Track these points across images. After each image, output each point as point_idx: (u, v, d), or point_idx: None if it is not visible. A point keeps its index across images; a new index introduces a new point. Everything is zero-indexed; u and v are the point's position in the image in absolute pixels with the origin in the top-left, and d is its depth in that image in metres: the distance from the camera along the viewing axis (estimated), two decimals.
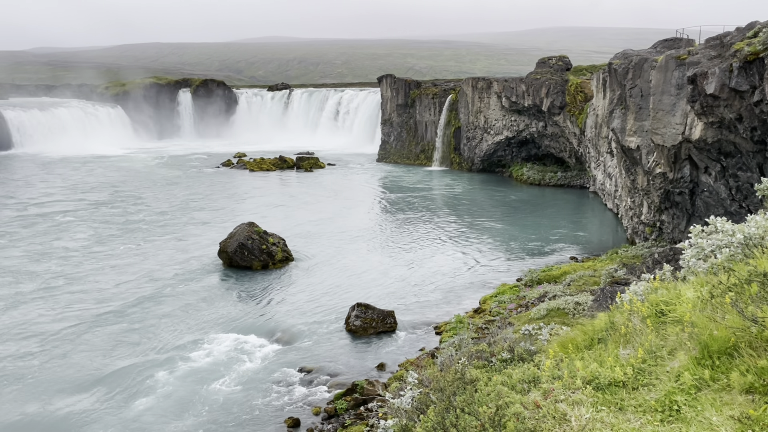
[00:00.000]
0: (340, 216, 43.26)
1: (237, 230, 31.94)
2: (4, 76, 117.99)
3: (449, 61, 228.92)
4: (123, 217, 42.02)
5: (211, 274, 29.87)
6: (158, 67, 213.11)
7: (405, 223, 40.93)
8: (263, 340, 21.97)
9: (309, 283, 28.68)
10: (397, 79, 75.63)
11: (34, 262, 31.23)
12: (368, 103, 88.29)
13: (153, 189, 53.71)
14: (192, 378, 19.04)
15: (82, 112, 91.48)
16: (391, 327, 22.92)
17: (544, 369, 6.96)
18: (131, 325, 23.36)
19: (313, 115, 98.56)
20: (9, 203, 46.41)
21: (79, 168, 65.87)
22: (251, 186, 57.22)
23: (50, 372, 19.33)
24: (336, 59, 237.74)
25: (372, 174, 64.95)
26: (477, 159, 64.58)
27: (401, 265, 31.34)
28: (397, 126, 74.78)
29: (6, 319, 23.69)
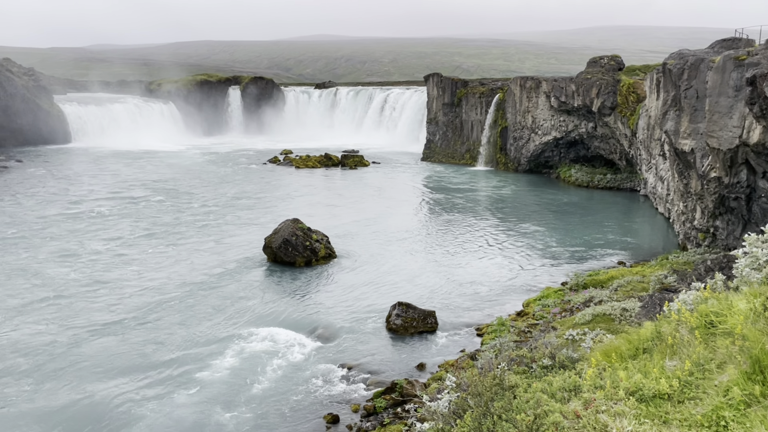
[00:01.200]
0: (383, 215, 43.34)
1: (282, 226, 32.38)
2: (65, 72, 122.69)
3: (497, 60, 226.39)
4: (171, 211, 43.14)
5: (256, 269, 30.36)
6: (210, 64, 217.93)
7: (448, 224, 40.72)
8: (304, 336, 22.21)
9: (351, 280, 28.84)
10: (444, 77, 75.21)
11: (84, 253, 32.35)
12: (414, 102, 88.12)
13: (201, 184, 54.95)
14: (233, 371, 19.40)
15: (135, 107, 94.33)
16: (431, 327, 22.84)
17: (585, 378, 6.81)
18: (175, 316, 23.96)
19: (358, 113, 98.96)
20: (66, 195, 48.25)
21: (131, 163, 67.93)
22: (296, 183, 57.89)
23: (94, 361, 19.99)
24: (383, 57, 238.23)
25: (416, 173, 64.83)
26: (523, 159, 63.70)
27: (444, 266, 31.19)
28: (443, 125, 74.40)
29: (53, 308, 24.63)
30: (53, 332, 22.17)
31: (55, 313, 24.07)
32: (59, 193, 49.11)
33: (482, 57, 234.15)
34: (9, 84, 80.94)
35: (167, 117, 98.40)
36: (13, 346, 20.96)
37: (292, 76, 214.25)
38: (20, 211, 41.90)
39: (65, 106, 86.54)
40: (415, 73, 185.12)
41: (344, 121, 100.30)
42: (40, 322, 23.09)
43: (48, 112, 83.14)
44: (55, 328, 22.60)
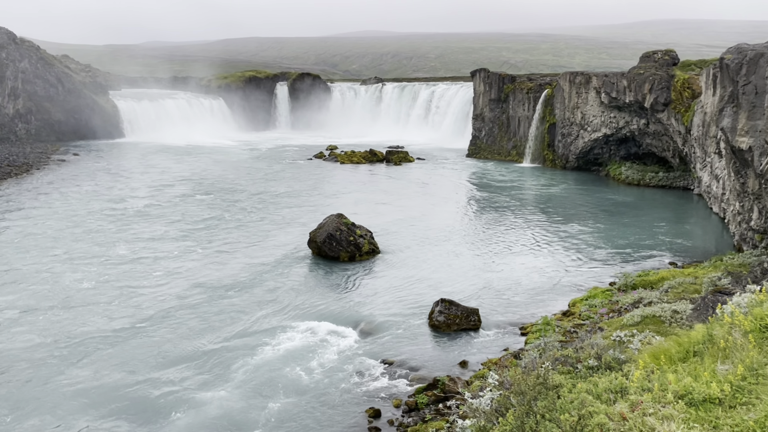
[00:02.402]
0: (427, 211, 43.26)
1: (326, 221, 32.70)
2: (119, 69, 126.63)
3: (546, 55, 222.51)
4: (217, 205, 44.09)
5: (300, 263, 30.76)
6: (258, 60, 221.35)
7: (493, 221, 40.36)
8: (347, 330, 22.40)
9: (394, 276, 28.91)
10: (491, 73, 74.48)
11: (132, 244, 33.36)
12: (460, 98, 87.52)
13: (247, 179, 55.96)
14: (275, 363, 19.72)
15: (187, 103, 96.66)
16: (474, 325, 22.71)
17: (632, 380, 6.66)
18: (220, 308, 24.49)
19: (404, 109, 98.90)
20: (117, 189, 49.90)
21: (180, 158, 69.67)
22: (341, 178, 58.32)
23: (139, 350, 20.59)
24: (429, 53, 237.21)
25: (461, 169, 64.43)
26: (572, 156, 62.52)
27: (488, 263, 30.94)
28: (489, 121, 73.70)
29: (100, 297, 25.48)
30: (99, 322, 22.97)
31: (102, 302, 24.94)
32: (111, 186, 50.81)
33: (531, 52, 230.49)
34: (68, 80, 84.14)
35: (217, 113, 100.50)
36: (62, 333, 21.80)
37: (338, 72, 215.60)
38: (74, 204, 43.53)
39: (120, 101, 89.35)
40: (461, 68, 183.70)
41: (389, 117, 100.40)
42: (86, 311, 23.95)
43: (104, 108, 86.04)
44: (102, 317, 23.41)
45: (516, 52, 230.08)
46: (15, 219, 38.37)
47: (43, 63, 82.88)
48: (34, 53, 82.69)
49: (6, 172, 55.14)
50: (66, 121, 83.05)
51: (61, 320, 22.93)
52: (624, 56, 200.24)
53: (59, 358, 19.86)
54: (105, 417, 16.54)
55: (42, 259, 30.23)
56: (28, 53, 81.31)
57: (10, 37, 79.11)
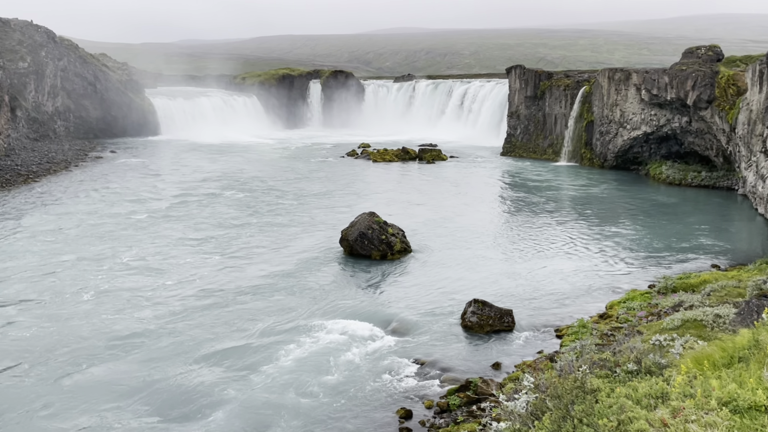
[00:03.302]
0: (460, 210, 43.05)
1: (358, 219, 32.79)
2: (154, 67, 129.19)
3: (584, 51, 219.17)
4: (250, 202, 44.60)
5: (331, 262, 30.92)
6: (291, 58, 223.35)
7: (528, 221, 39.94)
8: (378, 329, 22.43)
9: (426, 275, 28.85)
10: (527, 69, 73.72)
11: (164, 240, 33.95)
12: (495, 95, 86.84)
13: (279, 177, 56.49)
14: (306, 361, 19.86)
15: (221, 101, 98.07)
16: (508, 326, 22.51)
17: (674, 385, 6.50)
18: (251, 305, 24.76)
19: (437, 106, 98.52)
20: (153, 185, 50.90)
21: (214, 155, 70.70)
22: (373, 176, 58.42)
23: (171, 346, 20.92)
24: (464, 50, 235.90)
25: (495, 168, 63.93)
26: (610, 155, 61.47)
27: (522, 264, 30.63)
28: (525, 119, 72.97)
29: (132, 293, 25.98)
30: (130, 317, 23.44)
31: (133, 298, 25.45)
32: (146, 185, 51.83)
33: (568, 48, 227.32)
34: (105, 78, 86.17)
35: (250, 110, 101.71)
36: (93, 327, 22.27)
37: (371, 69, 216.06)
38: (109, 201, 44.56)
39: (155, 99, 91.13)
40: (496, 65, 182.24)
41: (422, 114, 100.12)
42: (117, 309, 24.44)
43: (140, 105, 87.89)
44: (133, 312, 23.88)
45: (553, 48, 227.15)
46: (51, 215, 39.44)
47: (81, 61, 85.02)
48: (73, 52, 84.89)
49: (45, 169, 56.75)
50: (103, 118, 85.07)
51: (87, 318, 23.48)
52: (665, 52, 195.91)
53: (85, 357, 20.32)
54: (134, 415, 16.88)
55: (73, 256, 31.00)
56: (66, 52, 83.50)
57: (49, 36, 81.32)
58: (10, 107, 66.58)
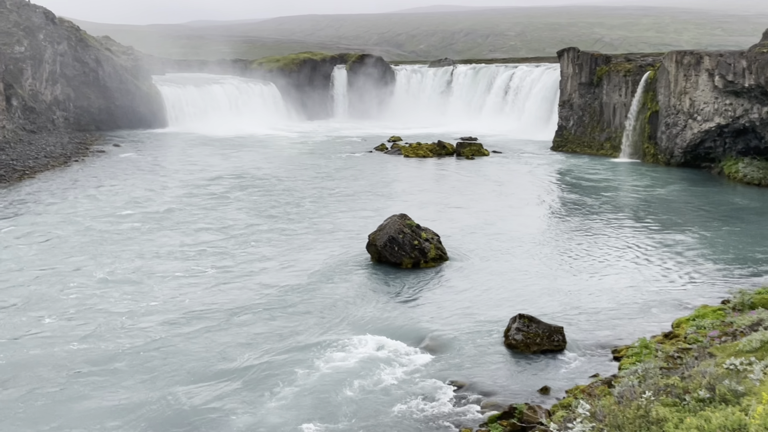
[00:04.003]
0: (503, 212, 42.81)
1: (388, 222, 32.82)
2: (162, 51, 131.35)
3: (648, 32, 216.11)
4: (266, 204, 45.01)
5: (357, 270, 30.99)
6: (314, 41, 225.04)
7: (582, 226, 39.51)
8: (410, 347, 22.40)
9: (464, 286, 28.73)
10: (582, 52, 73.06)
11: (170, 247, 34.41)
12: (544, 82, 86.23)
13: (299, 175, 56.88)
14: (330, 380, 19.93)
15: (235, 89, 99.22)
16: (558, 345, 22.28)
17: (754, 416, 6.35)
18: (267, 319, 24.98)
19: (478, 94, 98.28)
20: (156, 185, 51.75)
21: (226, 150, 71.56)
22: (405, 174, 58.44)
23: (179, 362, 21.20)
24: (509, 30, 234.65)
25: (545, 165, 63.40)
26: (677, 150, 60.48)
27: (575, 274, 30.31)
28: (578, 108, 72.31)
29: (138, 304, 26.39)
30: (136, 329, 23.80)
31: (139, 309, 25.85)
32: (149, 181, 52.72)
33: (629, 28, 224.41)
34: (108, 63, 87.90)
35: (268, 99, 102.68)
36: (90, 343, 22.59)
37: (403, 53, 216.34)
38: (107, 202, 45.40)
39: (163, 87, 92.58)
40: (546, 47, 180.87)
41: (461, 103, 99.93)
42: (122, 319, 24.84)
43: (146, 94, 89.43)
44: (138, 324, 24.26)
45: (611, 29, 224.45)
46: (40, 218, 40.25)
47: (83, 45, 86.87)
48: (74, 34, 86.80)
49: (43, 164, 58.14)
50: (106, 108, 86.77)
51: (89, 328, 23.92)
52: (743, 32, 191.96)
53: (87, 371, 20.68)
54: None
55: (46, 268, 31.54)
56: (66, 34, 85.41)
57: (48, 17, 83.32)
58: (5, 96, 68.41)
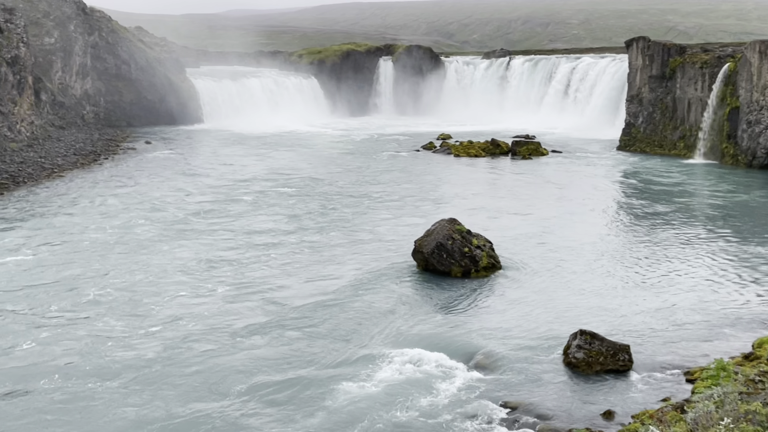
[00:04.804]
0: (562, 219, 42.29)
1: (435, 227, 32.72)
2: (197, 42, 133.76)
3: (727, 19, 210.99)
4: (304, 207, 45.35)
5: (403, 278, 30.97)
6: (358, 31, 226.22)
7: (651, 235, 38.75)
8: (459, 363, 22.27)
9: (519, 298, 28.46)
10: (653, 42, 71.98)
11: (201, 254, 34.91)
12: (610, 75, 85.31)
13: (341, 175, 57.19)
14: (372, 397, 19.94)
15: (273, 82, 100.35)
16: (624, 365, 21.88)
17: None
18: (305, 330, 25.10)
19: (536, 89, 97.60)
20: (190, 184, 52.65)
21: (263, 149, 72.45)
22: (455, 175, 58.22)
23: (209, 375, 21.42)
24: (571, 18, 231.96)
25: (610, 166, 62.46)
26: (760, 151, 58.92)
27: (642, 288, 29.74)
28: (649, 104, 71.16)
29: (166, 314, 26.88)
30: (165, 341, 24.15)
31: (168, 319, 26.27)
32: (177, 183, 53.70)
33: (706, 15, 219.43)
34: (141, 56, 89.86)
35: (308, 94, 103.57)
36: (112, 353, 22.98)
37: (454, 43, 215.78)
38: (127, 206, 46.38)
39: (198, 81, 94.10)
40: (613, 37, 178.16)
41: (517, 98, 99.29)
42: (149, 330, 25.22)
43: (180, 88, 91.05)
44: (168, 335, 24.63)
45: (686, 16, 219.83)
46: (64, 219, 41.32)
47: (115, 36, 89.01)
48: (105, 25, 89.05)
49: (72, 162, 59.73)
50: (138, 103, 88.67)
51: (110, 338, 24.41)
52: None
53: (108, 383, 21.07)
54: None
55: (93, 268, 32.37)
56: (98, 25, 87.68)
57: (79, 6, 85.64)
58: (34, 90, 70.52)
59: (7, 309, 26.45)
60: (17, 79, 65.15)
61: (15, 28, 66.65)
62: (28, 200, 45.09)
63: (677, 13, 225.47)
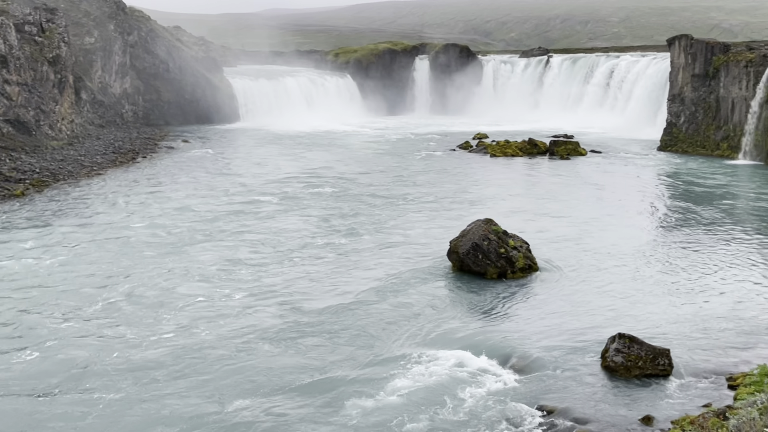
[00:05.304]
0: (601, 220, 41.81)
1: (471, 228, 32.59)
2: (234, 41, 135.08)
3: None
4: (337, 206, 45.50)
5: (437, 279, 30.90)
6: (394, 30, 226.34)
7: (692, 238, 38.09)
8: (494, 365, 22.16)
9: (555, 301, 28.22)
10: (696, 40, 70.90)
11: (234, 256, 35.20)
12: (651, 74, 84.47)
13: (375, 173, 57.29)
14: (405, 398, 19.92)
15: (310, 82, 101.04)
16: (664, 370, 21.56)
17: None
18: (337, 330, 25.15)
19: (575, 87, 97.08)
20: (225, 184, 53.20)
21: (297, 149, 72.80)
22: (491, 174, 57.93)
23: (238, 375, 21.53)
24: (612, 16, 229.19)
25: (650, 167, 61.58)
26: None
27: (683, 292, 29.28)
28: (691, 103, 70.08)
29: (199, 315, 27.12)
30: (199, 341, 24.36)
31: (203, 319, 26.56)
32: (213, 183, 54.26)
33: (752, 12, 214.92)
34: (179, 55, 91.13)
35: (344, 93, 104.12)
36: (147, 351, 23.26)
37: (492, 41, 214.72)
38: (176, 199, 47.00)
39: (235, 80, 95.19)
40: (654, 35, 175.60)
41: (556, 97, 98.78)
42: (184, 329, 25.53)
43: (218, 87, 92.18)
44: (202, 335, 24.84)
45: (731, 13, 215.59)
46: (96, 218, 41.87)
47: (153, 36, 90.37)
48: (145, 24, 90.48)
49: (111, 160, 60.78)
50: (176, 102, 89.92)
51: (146, 335, 24.79)
52: None
53: (143, 380, 21.41)
54: None
55: (119, 267, 32.86)
56: (137, 25, 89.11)
57: (119, 6, 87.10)
58: (74, 89, 71.99)
59: (33, 305, 27.03)
60: (58, 79, 66.55)
61: (56, 27, 68.09)
62: (67, 198, 45.98)
63: (721, 11, 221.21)
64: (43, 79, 64.12)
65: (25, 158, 54.84)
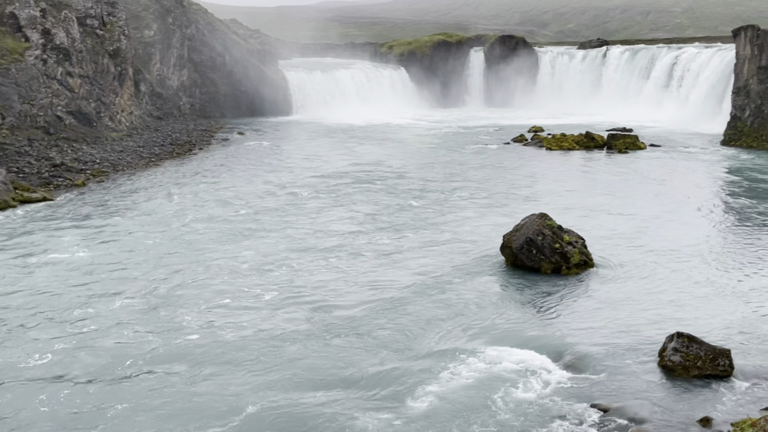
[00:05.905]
0: (661, 217, 40.99)
1: (525, 222, 32.35)
2: (290, 35, 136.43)
3: None
4: (388, 198, 45.63)
5: (489, 273, 30.79)
6: (449, 21, 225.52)
7: (755, 238, 37.06)
8: (547, 362, 22.01)
9: (611, 298, 27.83)
10: (763, 31, 68.94)
11: (280, 245, 35.62)
12: (715, 65, 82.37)
13: (428, 167, 57.20)
14: (456, 394, 19.94)
15: (363, 74, 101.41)
16: (724, 371, 21.09)
17: None
18: (387, 324, 25.24)
19: (635, 80, 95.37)
20: (276, 175, 53.84)
21: (350, 143, 73.13)
22: (546, 168, 57.29)
23: (284, 369, 21.77)
24: (674, 6, 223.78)
25: (713, 162, 60.04)
26: None
27: (745, 291, 28.54)
28: (757, 96, 68.17)
29: (244, 307, 27.56)
30: (247, 332, 24.69)
31: (249, 312, 26.88)
32: (265, 176, 54.96)
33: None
34: (235, 48, 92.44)
35: (398, 85, 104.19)
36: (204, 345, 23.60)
37: (549, 33, 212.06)
38: (214, 201, 47.78)
39: (289, 72, 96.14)
40: (718, 26, 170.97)
41: (615, 90, 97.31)
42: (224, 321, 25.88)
43: (272, 80, 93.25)
44: (248, 329, 25.16)
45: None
46: (158, 206, 43.06)
47: (210, 29, 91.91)
48: (202, 17, 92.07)
49: (168, 151, 62.12)
50: (232, 94, 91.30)
51: (191, 326, 25.32)
52: None
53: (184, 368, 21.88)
54: None
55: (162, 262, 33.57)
56: (195, 18, 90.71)
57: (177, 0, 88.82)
58: (134, 81, 73.78)
59: (82, 294, 27.91)
60: (118, 71, 68.30)
61: (117, 21, 69.86)
62: (125, 189, 47.18)
63: None
64: (103, 71, 65.88)
65: (86, 149, 56.50)
